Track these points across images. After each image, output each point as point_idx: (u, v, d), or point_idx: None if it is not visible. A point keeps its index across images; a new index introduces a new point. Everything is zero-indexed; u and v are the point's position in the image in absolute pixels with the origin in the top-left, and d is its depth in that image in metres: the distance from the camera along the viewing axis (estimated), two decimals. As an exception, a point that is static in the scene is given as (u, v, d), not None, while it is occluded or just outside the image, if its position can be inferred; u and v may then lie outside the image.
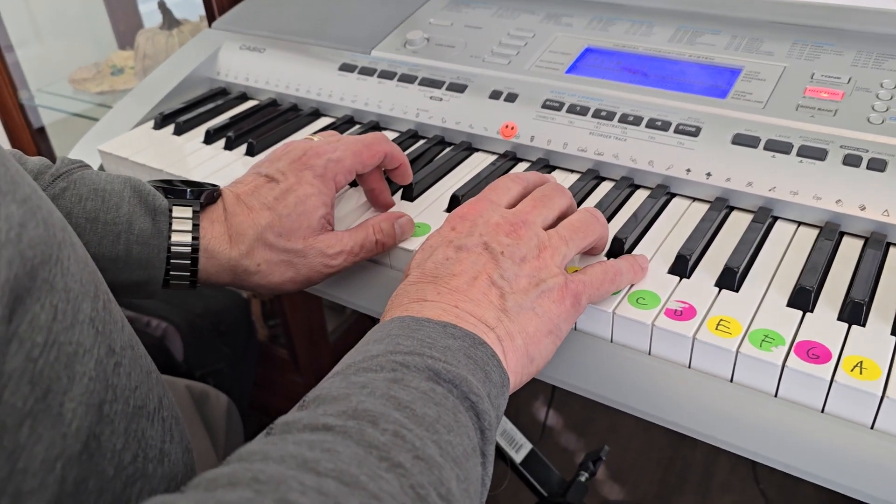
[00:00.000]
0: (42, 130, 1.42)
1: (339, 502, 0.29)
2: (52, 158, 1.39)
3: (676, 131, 0.62)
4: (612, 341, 0.50)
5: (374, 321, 0.76)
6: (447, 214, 0.61)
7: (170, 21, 1.24)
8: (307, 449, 0.32)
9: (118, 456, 0.38)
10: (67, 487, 0.34)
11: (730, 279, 0.50)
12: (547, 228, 0.49)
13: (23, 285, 0.32)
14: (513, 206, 0.51)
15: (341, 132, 0.76)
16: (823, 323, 0.47)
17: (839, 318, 0.47)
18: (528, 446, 0.94)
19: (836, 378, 0.43)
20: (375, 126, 0.76)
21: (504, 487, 0.92)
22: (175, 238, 0.53)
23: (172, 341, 1.25)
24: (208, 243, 0.54)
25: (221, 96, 0.85)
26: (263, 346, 1.46)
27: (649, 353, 0.49)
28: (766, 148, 0.59)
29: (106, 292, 0.40)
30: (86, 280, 0.37)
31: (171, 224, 0.53)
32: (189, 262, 0.53)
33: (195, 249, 0.53)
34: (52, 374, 0.33)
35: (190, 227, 0.53)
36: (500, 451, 0.94)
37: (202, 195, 0.55)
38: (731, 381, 0.47)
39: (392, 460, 0.32)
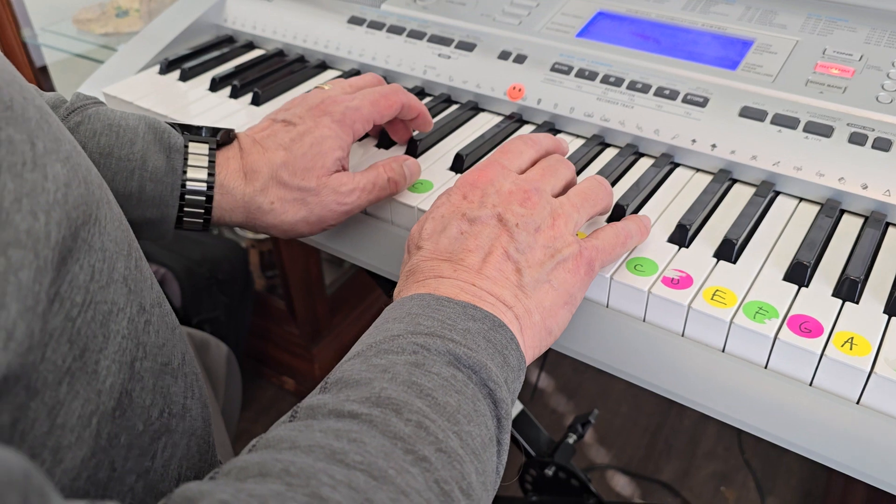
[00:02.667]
0: (44, 69, 1.41)
1: (368, 497, 0.29)
2: (55, 99, 1.38)
3: (684, 101, 0.62)
4: (608, 306, 0.51)
5: (373, 276, 0.76)
6: (450, 172, 0.61)
7: (177, -36, 1.22)
8: (334, 438, 0.32)
9: (147, 412, 0.39)
10: (102, 442, 0.35)
11: (728, 251, 0.51)
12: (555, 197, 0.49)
13: (67, 246, 0.32)
14: (524, 171, 0.50)
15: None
16: (818, 298, 0.48)
17: (834, 295, 0.48)
18: (518, 406, 0.95)
19: (826, 352, 0.44)
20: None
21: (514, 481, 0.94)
22: (191, 174, 0.53)
23: (170, 288, 1.26)
24: (223, 179, 0.54)
25: (228, 44, 0.84)
26: (260, 296, 1.47)
27: (644, 320, 0.50)
28: (772, 122, 0.59)
29: (137, 249, 0.40)
30: (120, 238, 0.37)
31: (186, 160, 0.53)
32: (204, 198, 0.53)
33: (210, 187, 0.53)
34: (88, 333, 0.34)
35: (206, 164, 0.53)
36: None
37: (218, 134, 0.55)
38: (724, 350, 0.47)
39: (417, 453, 0.33)
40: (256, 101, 0.72)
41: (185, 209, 0.54)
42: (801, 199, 0.57)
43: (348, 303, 1.54)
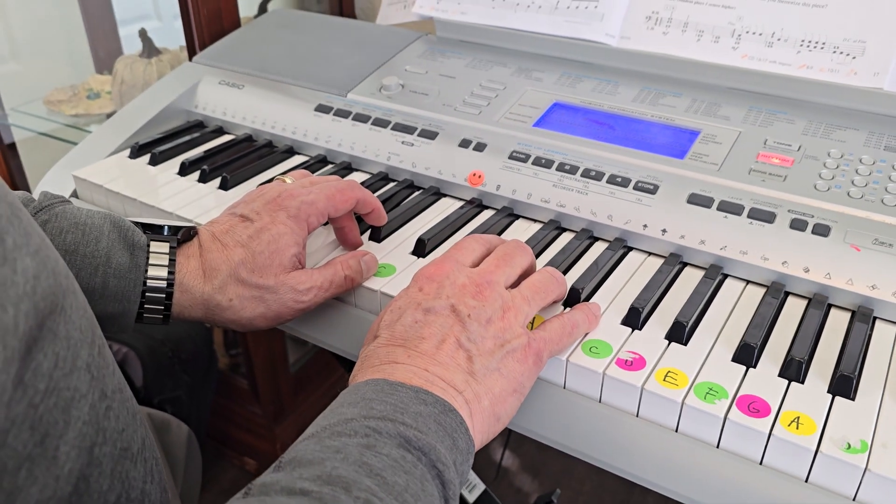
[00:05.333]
0: (13, 147, 1.42)
1: None
2: (22, 175, 1.38)
3: (635, 188, 0.65)
4: (564, 388, 0.52)
5: (336, 357, 0.77)
6: (412, 256, 0.63)
7: (150, 49, 1.26)
8: None
9: (104, 497, 0.39)
10: None
11: (679, 332, 0.53)
12: (510, 286, 0.51)
13: (33, 336, 0.33)
14: (477, 264, 0.53)
15: (314, 171, 0.78)
16: (765, 378, 0.50)
17: (780, 375, 0.50)
18: (481, 486, 0.95)
19: (773, 432, 0.45)
20: (347, 167, 0.78)
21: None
22: (151, 272, 0.54)
23: (132, 367, 1.24)
24: (183, 277, 0.55)
25: (198, 129, 0.86)
26: (223, 375, 1.46)
27: (600, 401, 0.51)
28: (719, 208, 0.62)
29: (100, 337, 0.41)
30: (84, 327, 0.38)
31: (148, 259, 0.54)
32: (164, 296, 0.54)
33: (170, 284, 0.54)
34: (50, 419, 0.34)
35: (166, 262, 0.55)
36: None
37: (179, 232, 0.56)
38: (677, 430, 0.49)
39: None
40: (225, 186, 0.74)
41: (146, 305, 0.55)
42: (747, 282, 0.60)
43: (312, 381, 1.53)
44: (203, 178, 0.75)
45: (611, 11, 0.80)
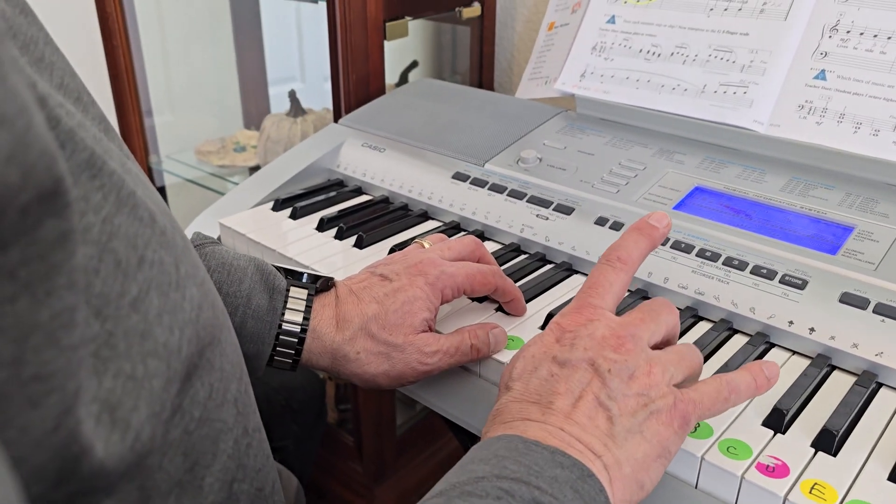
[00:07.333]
0: (162, 190, 1.52)
1: None
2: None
3: (782, 281, 0.62)
4: (696, 487, 0.49)
5: (450, 426, 0.76)
6: (540, 331, 0.62)
7: (296, 109, 1.33)
8: None
9: None
10: None
11: (828, 441, 0.49)
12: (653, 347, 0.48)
13: (193, 363, 0.35)
14: (618, 301, 0.49)
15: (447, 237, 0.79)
16: (926, 504, 0.45)
17: (944, 502, 0.45)
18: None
19: (937, 567, 0.41)
20: (480, 235, 0.78)
21: None
22: (288, 316, 0.56)
23: (247, 411, 1.27)
24: (317, 324, 0.57)
25: (338, 188, 0.90)
26: (330, 429, 1.47)
27: (735, 507, 0.48)
28: (875, 311, 0.58)
29: (247, 374, 0.43)
30: (235, 362, 0.40)
31: (286, 303, 0.56)
32: (296, 340, 0.56)
33: (304, 330, 0.56)
34: (201, 448, 0.36)
35: (303, 308, 0.57)
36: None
37: (318, 281, 0.58)
38: (822, 550, 0.45)
39: None
40: (360, 245, 0.76)
41: (278, 348, 0.57)
42: (905, 394, 0.55)
43: (416, 446, 1.52)
44: (340, 236, 0.77)
45: (761, 98, 0.78)
